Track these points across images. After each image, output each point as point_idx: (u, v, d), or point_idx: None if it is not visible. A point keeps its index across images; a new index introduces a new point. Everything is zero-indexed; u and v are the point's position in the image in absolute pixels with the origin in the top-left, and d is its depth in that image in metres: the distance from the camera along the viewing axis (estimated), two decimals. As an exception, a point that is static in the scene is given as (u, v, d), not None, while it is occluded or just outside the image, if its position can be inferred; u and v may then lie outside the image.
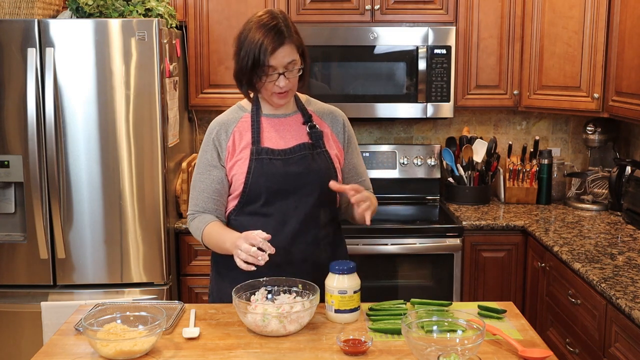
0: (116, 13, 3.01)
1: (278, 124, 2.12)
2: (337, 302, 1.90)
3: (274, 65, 1.97)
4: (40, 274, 2.99)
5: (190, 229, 2.15)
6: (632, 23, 2.86)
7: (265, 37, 1.95)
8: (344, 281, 1.90)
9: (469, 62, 3.44)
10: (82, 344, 1.79)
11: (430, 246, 3.15)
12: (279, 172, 2.05)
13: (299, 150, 2.09)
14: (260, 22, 1.98)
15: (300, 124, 2.14)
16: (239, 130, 2.10)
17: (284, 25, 1.98)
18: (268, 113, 2.13)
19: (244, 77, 2.02)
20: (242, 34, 2.01)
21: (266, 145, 2.08)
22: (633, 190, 3.06)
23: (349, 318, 1.91)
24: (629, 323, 2.09)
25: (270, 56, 1.95)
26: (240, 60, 2.01)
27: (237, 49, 2.02)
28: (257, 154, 2.06)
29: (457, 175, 3.60)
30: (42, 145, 2.89)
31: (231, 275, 2.04)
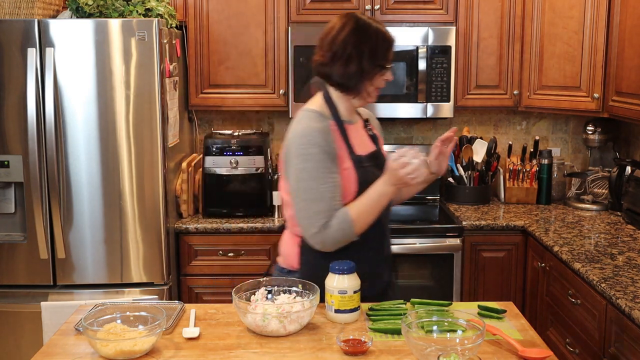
0: (116, 13, 3.01)
1: (354, 130, 2.11)
2: (337, 302, 1.90)
3: (390, 59, 2.05)
4: (40, 274, 2.99)
5: (332, 233, 1.95)
6: (632, 23, 2.86)
7: (385, 31, 2.03)
8: (344, 281, 1.90)
9: (469, 62, 3.44)
10: (82, 344, 1.79)
11: (430, 246, 3.15)
12: (375, 177, 2.01)
13: (377, 157, 2.11)
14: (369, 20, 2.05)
15: (363, 129, 2.16)
16: (336, 138, 2.02)
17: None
18: (346, 119, 2.09)
19: (372, 72, 2.02)
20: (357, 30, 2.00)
21: (358, 153, 2.06)
22: (633, 190, 3.06)
23: (349, 318, 1.91)
24: (629, 323, 2.09)
25: (390, 49, 2.05)
26: (371, 54, 1.99)
27: (358, 44, 1.99)
28: (359, 163, 2.04)
29: (457, 175, 3.60)
30: (42, 145, 2.89)
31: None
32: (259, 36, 3.41)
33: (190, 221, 3.25)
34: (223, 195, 3.31)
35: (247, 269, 3.19)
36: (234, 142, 3.30)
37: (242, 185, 3.30)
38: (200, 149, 3.74)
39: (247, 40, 3.41)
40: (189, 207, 3.32)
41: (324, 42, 2.04)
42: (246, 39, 3.40)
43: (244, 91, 3.45)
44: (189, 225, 3.19)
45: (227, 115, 3.78)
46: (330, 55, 2.01)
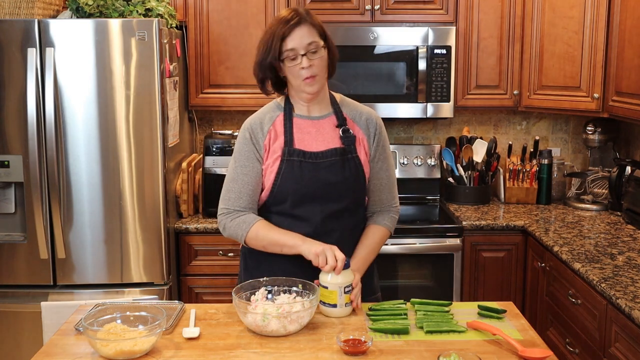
0: (116, 13, 3.01)
1: (311, 126, 2.09)
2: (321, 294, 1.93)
3: (294, 48, 1.97)
4: (40, 274, 2.99)
5: (227, 226, 2.08)
6: (632, 23, 2.86)
7: (281, 21, 1.99)
8: (327, 276, 1.92)
9: (469, 62, 3.44)
10: (82, 344, 1.79)
11: (430, 246, 3.15)
12: (308, 176, 2.03)
13: (330, 155, 2.05)
14: (277, 16, 2.06)
15: (333, 127, 2.10)
16: (275, 130, 2.08)
17: (303, 12, 2.02)
18: (302, 114, 2.10)
19: (265, 68, 2.02)
20: (265, 31, 2.05)
21: (298, 147, 2.05)
22: (633, 190, 3.06)
23: (329, 312, 1.93)
24: (629, 323, 2.09)
25: (287, 38, 1.97)
26: (261, 52, 2.02)
27: (259, 44, 2.04)
28: (288, 155, 2.03)
29: (457, 175, 3.60)
30: (42, 145, 2.89)
31: (260, 269, 2.09)
32: (259, 36, 3.37)
33: (190, 221, 3.25)
34: (223, 195, 3.30)
35: (247, 269, 3.18)
36: (234, 142, 3.30)
37: (242, 185, 3.29)
38: (200, 149, 3.74)
39: (247, 40, 3.40)
40: (189, 207, 3.32)
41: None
42: (246, 39, 3.40)
43: (244, 91, 3.45)
44: (189, 225, 3.19)
45: (227, 115, 3.78)
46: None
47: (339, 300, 1.92)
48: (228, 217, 2.07)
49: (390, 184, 2.19)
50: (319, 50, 2.00)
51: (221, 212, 2.10)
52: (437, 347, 1.75)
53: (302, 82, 2.01)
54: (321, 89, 2.07)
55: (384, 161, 2.16)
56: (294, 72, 2.00)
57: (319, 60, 2.00)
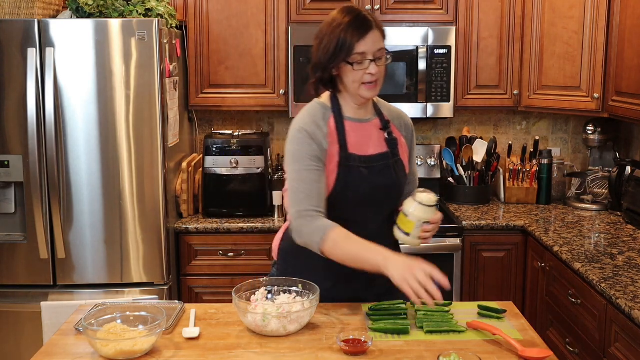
0: (116, 13, 3.01)
1: (360, 129, 2.04)
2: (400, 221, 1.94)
3: (365, 52, 1.92)
4: (40, 274, 2.99)
5: (303, 232, 1.92)
6: (632, 23, 2.86)
7: (352, 23, 1.92)
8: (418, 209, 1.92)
9: (469, 62, 3.44)
10: (82, 344, 1.79)
11: (430, 246, 3.14)
12: (365, 181, 1.99)
13: (381, 159, 2.03)
14: (342, 14, 1.96)
15: (378, 130, 2.07)
16: (330, 132, 1.99)
17: (368, 14, 1.97)
18: (350, 116, 2.03)
19: (326, 63, 1.94)
20: (325, 26, 1.96)
21: (352, 151, 2.00)
22: (633, 190, 3.06)
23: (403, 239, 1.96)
24: (629, 323, 2.09)
25: (360, 42, 1.90)
26: (323, 47, 1.93)
27: (319, 40, 1.96)
28: (345, 160, 1.98)
29: (457, 175, 3.60)
30: (42, 145, 2.89)
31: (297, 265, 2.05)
32: (259, 36, 3.41)
33: (190, 221, 3.25)
34: (223, 195, 3.31)
35: (247, 269, 3.19)
36: (234, 142, 3.30)
37: (242, 185, 3.30)
38: (200, 149, 3.74)
39: (247, 40, 3.41)
40: (189, 207, 3.32)
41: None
42: (246, 39, 3.40)
43: (244, 91, 3.45)
44: (189, 225, 3.19)
45: (227, 115, 3.78)
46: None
47: (413, 232, 1.93)
48: (303, 220, 1.91)
49: (416, 179, 2.22)
50: (384, 58, 1.97)
51: (295, 217, 1.93)
52: (437, 347, 1.75)
53: (362, 86, 1.96)
54: (377, 93, 2.04)
55: (413, 158, 2.20)
56: (357, 76, 1.94)
57: (382, 68, 1.98)
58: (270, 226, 3.19)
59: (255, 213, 3.32)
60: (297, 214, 1.93)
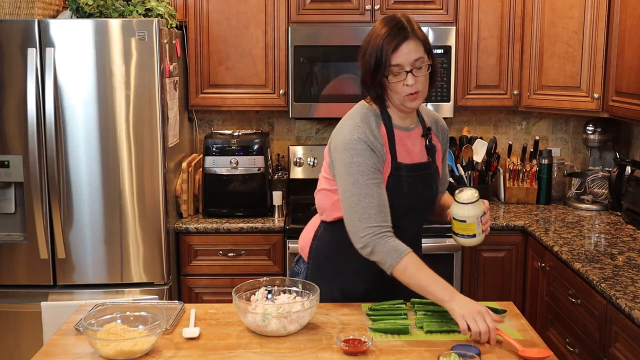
0: (116, 13, 3.01)
1: (407, 137, 2.02)
2: (456, 226, 1.98)
3: (400, 64, 1.89)
4: (40, 274, 2.99)
5: (376, 250, 1.89)
6: (632, 23, 2.86)
7: (387, 35, 1.90)
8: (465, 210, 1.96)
9: (469, 62, 3.44)
10: (82, 344, 1.79)
11: (430, 246, 3.14)
12: (411, 190, 2.00)
13: (423, 168, 2.04)
14: (381, 24, 1.95)
15: (420, 137, 2.06)
16: (381, 141, 1.96)
17: (406, 22, 1.94)
18: (400, 125, 2.02)
19: (370, 79, 1.93)
20: (366, 38, 1.96)
21: (400, 160, 1.99)
22: (633, 190, 3.06)
23: (465, 242, 2.00)
24: (629, 323, 2.09)
25: (393, 54, 1.88)
26: (365, 63, 1.93)
27: (362, 56, 1.96)
28: (395, 170, 1.97)
29: (457, 175, 3.60)
30: (42, 145, 2.89)
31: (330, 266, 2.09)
32: (259, 36, 3.41)
33: (190, 221, 3.25)
34: (223, 195, 3.31)
35: (247, 269, 3.19)
36: (234, 142, 3.30)
37: (242, 185, 3.30)
38: (200, 149, 3.74)
39: (247, 40, 3.41)
40: (189, 207, 3.32)
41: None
42: (246, 39, 3.40)
43: (244, 91, 3.45)
44: (189, 225, 3.19)
45: (227, 115, 3.78)
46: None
47: (477, 230, 1.96)
48: (378, 238, 1.88)
49: (446, 181, 2.24)
50: (424, 67, 1.93)
51: (367, 234, 1.89)
52: (437, 347, 1.75)
53: (404, 97, 1.93)
54: (421, 103, 2.02)
55: (445, 161, 2.20)
56: (397, 88, 1.92)
57: (423, 77, 1.94)
58: (270, 226, 3.19)
59: (255, 213, 3.32)
60: (370, 231, 1.89)
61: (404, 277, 1.88)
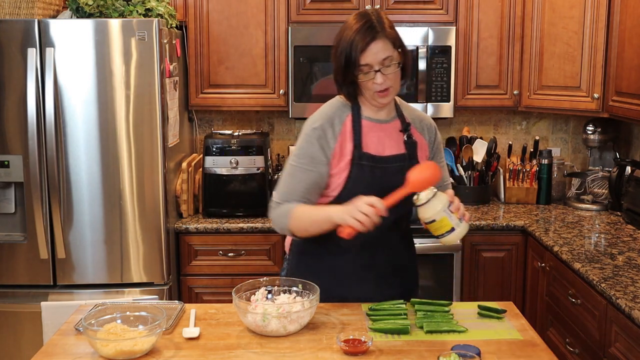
0: (116, 13, 3.01)
1: (379, 129, 2.06)
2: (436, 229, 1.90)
3: (369, 63, 1.93)
4: (40, 274, 2.99)
5: (273, 215, 2.05)
6: (632, 23, 2.86)
7: (356, 34, 1.93)
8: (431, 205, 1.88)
9: (469, 62, 3.44)
10: (82, 344, 1.79)
11: (430, 246, 3.15)
12: (377, 181, 2.00)
13: (397, 160, 2.04)
14: (353, 20, 1.98)
15: (398, 132, 2.08)
16: (345, 131, 2.02)
17: (376, 20, 1.95)
18: (369, 116, 2.06)
19: (340, 77, 1.99)
20: (338, 35, 2.00)
21: (366, 150, 2.02)
22: (633, 190, 3.06)
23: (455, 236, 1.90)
24: (629, 323, 2.09)
25: (362, 54, 1.92)
26: (336, 60, 1.98)
27: (334, 51, 2.00)
28: (358, 159, 2.00)
29: (457, 175, 3.60)
30: (42, 145, 2.89)
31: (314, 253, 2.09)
32: (259, 36, 3.41)
33: (190, 221, 3.25)
34: (223, 195, 3.31)
35: (247, 269, 3.19)
36: (234, 142, 3.30)
37: (242, 185, 3.30)
38: (200, 149, 3.74)
39: (247, 40, 3.41)
40: (189, 207, 3.32)
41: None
42: (246, 39, 3.40)
43: (244, 91, 3.45)
44: (189, 225, 3.19)
45: (227, 115, 3.78)
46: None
47: (453, 222, 1.89)
48: (272, 210, 2.06)
49: (447, 183, 2.21)
50: (392, 65, 1.96)
51: (271, 206, 2.06)
52: (437, 347, 1.75)
53: (374, 94, 1.98)
54: (392, 99, 2.06)
55: (440, 162, 2.18)
56: (367, 85, 1.98)
57: (393, 75, 1.97)
58: (270, 226, 3.18)
59: (255, 213, 3.32)
60: (274, 205, 2.05)
61: (298, 227, 1.99)
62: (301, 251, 2.15)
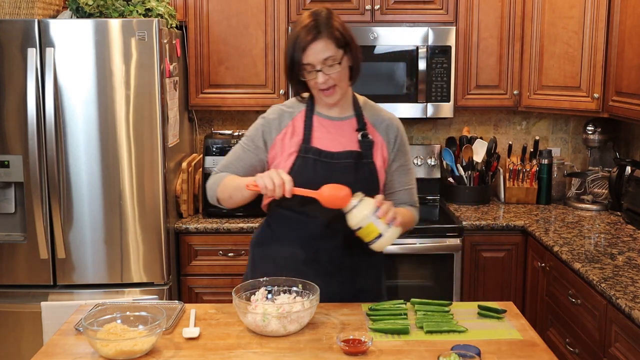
0: (116, 13, 3.01)
1: (331, 126, 2.08)
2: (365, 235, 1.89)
3: (310, 63, 1.96)
4: (40, 274, 2.99)
5: (208, 182, 2.15)
6: (632, 23, 2.86)
7: (299, 34, 1.96)
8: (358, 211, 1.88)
9: (469, 62, 3.44)
10: (82, 344, 1.79)
11: (430, 246, 3.15)
12: (320, 175, 2.00)
13: (345, 157, 2.04)
14: (301, 19, 2.00)
15: (353, 130, 2.09)
16: (293, 125, 2.08)
17: (322, 21, 1.96)
18: (323, 113, 2.09)
19: (287, 76, 2.04)
20: (289, 36, 2.04)
21: (315, 145, 2.04)
22: (633, 190, 3.06)
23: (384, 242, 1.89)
24: (629, 323, 2.09)
25: (303, 53, 1.95)
26: (284, 62, 2.03)
27: (285, 49, 2.04)
28: (304, 152, 2.03)
29: (457, 175, 3.60)
30: (42, 145, 2.89)
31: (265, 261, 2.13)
32: (259, 36, 3.41)
33: (190, 221, 3.25)
34: (223, 195, 3.30)
35: (247, 269, 3.18)
36: (234, 142, 3.30)
37: (242, 185, 3.30)
38: (200, 149, 3.74)
39: (247, 40, 3.41)
40: (189, 207, 3.32)
41: None
42: (246, 39, 3.40)
43: (244, 91, 3.45)
44: (189, 225, 3.19)
45: (227, 115, 3.78)
46: None
47: (380, 227, 1.87)
48: (211, 177, 2.15)
49: (411, 187, 2.18)
50: (335, 65, 1.97)
51: (211, 174, 2.19)
52: (437, 347, 1.75)
53: (319, 92, 2.02)
54: (342, 97, 2.06)
55: (405, 165, 2.15)
56: (311, 84, 2.01)
57: (336, 74, 1.98)
58: (270, 226, 3.19)
59: (255, 213, 3.31)
60: (214, 172, 2.17)
61: (224, 192, 2.07)
62: (256, 242, 2.23)
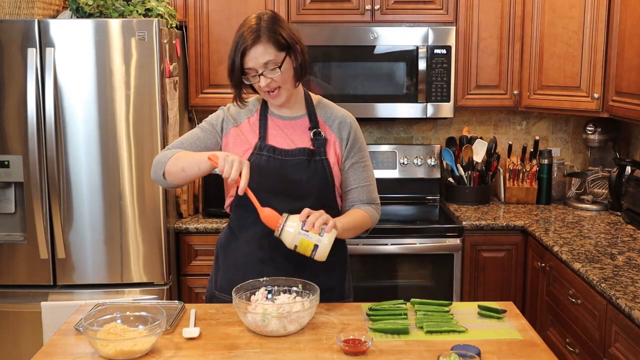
0: (116, 13, 3.01)
1: (285, 125, 2.12)
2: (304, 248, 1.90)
3: (251, 67, 1.98)
4: (40, 274, 2.99)
5: (157, 156, 2.10)
6: (632, 23, 2.86)
7: (239, 39, 1.99)
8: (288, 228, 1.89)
9: (469, 62, 3.44)
10: (82, 344, 1.79)
11: (430, 246, 3.15)
12: (274, 171, 2.04)
13: (298, 154, 2.06)
14: (243, 24, 2.01)
15: (305, 129, 2.11)
16: (250, 122, 2.13)
17: (264, 25, 1.96)
18: (275, 113, 2.14)
19: (230, 80, 2.06)
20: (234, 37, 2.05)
21: (269, 143, 2.08)
22: (633, 190, 3.06)
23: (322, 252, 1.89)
24: (629, 323, 2.09)
25: (243, 58, 1.98)
26: (228, 62, 2.04)
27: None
28: (259, 150, 2.07)
29: (457, 175, 3.60)
30: (42, 145, 2.89)
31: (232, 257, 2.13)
32: (259, 36, 3.40)
33: (190, 221, 3.25)
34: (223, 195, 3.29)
35: (247, 269, 3.18)
36: (234, 142, 3.30)
37: (242, 185, 3.29)
38: (200, 149, 3.73)
39: (247, 40, 3.40)
40: (189, 207, 3.32)
41: None
42: (246, 39, 3.40)
43: (244, 91, 3.45)
44: (189, 225, 3.19)
45: (227, 115, 3.78)
46: None
47: (313, 240, 1.87)
48: (161, 152, 2.13)
49: (368, 184, 2.16)
50: (276, 68, 1.98)
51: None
52: (437, 347, 1.75)
53: (265, 94, 2.06)
54: (289, 98, 2.08)
55: (359, 162, 2.14)
56: (256, 87, 2.05)
57: (280, 76, 1.99)
58: (270, 226, 3.18)
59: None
60: (166, 148, 2.15)
61: (176, 165, 2.01)
62: (219, 243, 2.22)
